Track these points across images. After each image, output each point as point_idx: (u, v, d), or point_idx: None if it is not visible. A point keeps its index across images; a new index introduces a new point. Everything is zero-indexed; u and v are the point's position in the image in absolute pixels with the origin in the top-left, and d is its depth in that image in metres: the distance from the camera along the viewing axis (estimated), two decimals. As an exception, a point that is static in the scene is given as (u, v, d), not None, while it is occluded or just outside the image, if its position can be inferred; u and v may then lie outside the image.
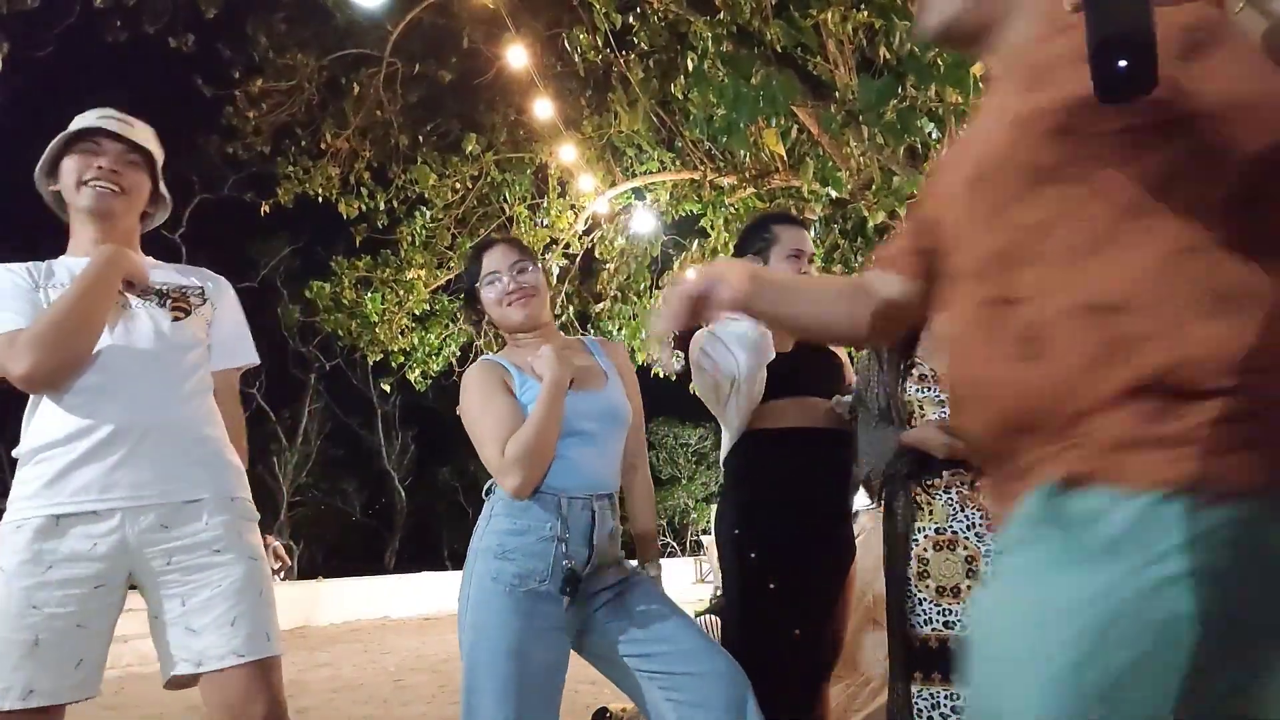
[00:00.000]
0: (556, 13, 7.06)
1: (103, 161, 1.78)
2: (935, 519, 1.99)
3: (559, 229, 7.72)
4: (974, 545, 1.95)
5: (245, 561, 1.70)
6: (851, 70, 4.77)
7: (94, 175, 1.77)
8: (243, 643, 1.63)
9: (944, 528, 1.98)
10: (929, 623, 1.96)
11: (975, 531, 1.95)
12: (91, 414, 1.63)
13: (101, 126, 1.80)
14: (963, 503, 1.98)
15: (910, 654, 1.97)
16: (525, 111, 7.13)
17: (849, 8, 4.60)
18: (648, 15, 6.15)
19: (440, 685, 6.00)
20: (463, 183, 7.73)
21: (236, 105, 7.73)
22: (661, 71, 6.53)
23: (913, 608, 1.98)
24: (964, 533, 1.96)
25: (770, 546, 2.17)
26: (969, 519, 1.96)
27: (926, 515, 2.01)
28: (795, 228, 2.46)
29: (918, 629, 1.97)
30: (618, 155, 7.67)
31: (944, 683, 1.92)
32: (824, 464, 2.31)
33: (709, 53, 5.14)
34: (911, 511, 2.02)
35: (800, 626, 2.10)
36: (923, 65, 3.40)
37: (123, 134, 1.80)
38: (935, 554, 1.98)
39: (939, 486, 2.00)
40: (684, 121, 6.47)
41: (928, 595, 1.97)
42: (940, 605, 1.96)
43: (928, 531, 2.00)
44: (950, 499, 1.98)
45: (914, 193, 4.82)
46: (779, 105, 4.19)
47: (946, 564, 1.96)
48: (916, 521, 2.01)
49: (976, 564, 1.94)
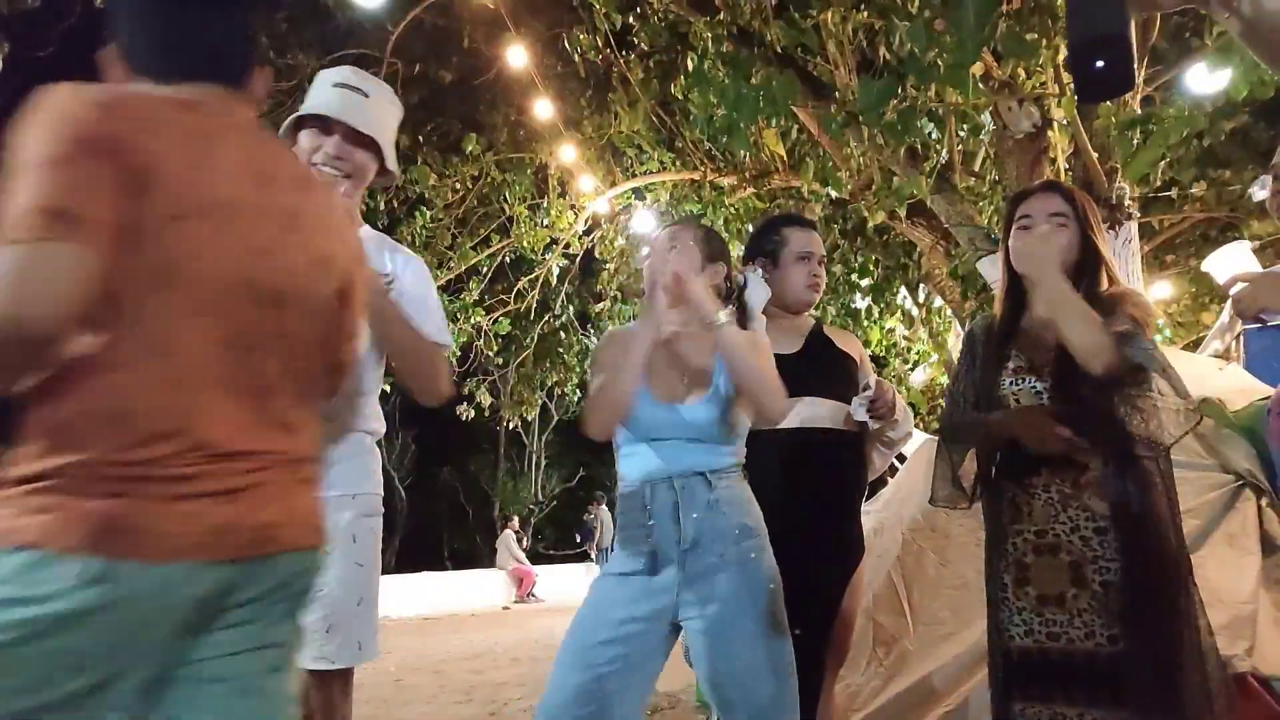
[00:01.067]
0: (556, 13, 7.05)
1: (329, 145, 1.79)
2: (1035, 521, 1.86)
3: (559, 229, 7.72)
4: (1079, 549, 1.81)
5: (350, 567, 1.73)
6: (851, 70, 4.77)
7: (321, 158, 1.79)
8: (335, 650, 1.68)
9: (1045, 530, 1.84)
10: (1029, 634, 1.83)
11: (1080, 535, 1.81)
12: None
13: (324, 114, 1.80)
14: (1064, 503, 1.83)
15: (1010, 666, 1.84)
16: (525, 111, 7.13)
17: (849, 8, 4.60)
18: (648, 15, 6.14)
19: (440, 685, 6.00)
20: (463, 183, 7.73)
21: (237, 105, 7.71)
22: (661, 71, 6.53)
23: (1010, 617, 1.85)
24: (1067, 535, 1.82)
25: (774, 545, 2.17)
26: (1072, 520, 1.82)
27: (1026, 517, 1.87)
28: (805, 230, 2.46)
29: (1017, 640, 1.84)
30: (618, 155, 7.67)
31: (1043, 701, 1.79)
32: (830, 463, 2.30)
33: (709, 53, 5.14)
34: (1009, 514, 1.89)
35: (802, 626, 2.10)
36: (923, 65, 3.40)
37: (348, 120, 1.80)
38: (1037, 559, 1.84)
39: (1038, 485, 1.86)
40: (684, 121, 6.47)
41: (1028, 604, 1.84)
42: (1042, 615, 1.82)
43: (1028, 535, 1.86)
44: (1051, 498, 1.84)
45: (914, 193, 4.82)
46: (779, 105, 4.19)
47: (1049, 570, 1.82)
48: (1015, 524, 1.88)
49: (1083, 570, 1.80)
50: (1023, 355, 1.95)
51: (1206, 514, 2.59)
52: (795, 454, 2.25)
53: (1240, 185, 5.70)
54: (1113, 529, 1.79)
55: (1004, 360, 1.97)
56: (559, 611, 11.42)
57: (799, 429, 2.27)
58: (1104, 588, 1.78)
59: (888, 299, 7.55)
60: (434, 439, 21.94)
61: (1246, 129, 5.92)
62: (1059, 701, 1.77)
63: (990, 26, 3.16)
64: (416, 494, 23.70)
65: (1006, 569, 1.88)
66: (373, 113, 1.85)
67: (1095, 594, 1.78)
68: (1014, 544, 1.87)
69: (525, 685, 5.73)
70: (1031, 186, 2.08)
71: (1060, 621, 1.80)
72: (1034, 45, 3.61)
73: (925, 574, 3.20)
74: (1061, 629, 1.80)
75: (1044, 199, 1.98)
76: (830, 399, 2.33)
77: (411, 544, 22.07)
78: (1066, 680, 1.78)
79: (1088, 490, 1.82)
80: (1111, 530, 1.80)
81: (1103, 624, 1.77)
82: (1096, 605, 1.77)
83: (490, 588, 13.97)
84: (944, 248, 5.62)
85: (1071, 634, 1.79)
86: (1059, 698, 1.78)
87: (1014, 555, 1.87)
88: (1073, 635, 1.79)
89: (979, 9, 2.99)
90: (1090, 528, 1.81)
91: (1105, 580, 1.78)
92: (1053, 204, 1.96)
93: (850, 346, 2.52)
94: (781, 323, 2.41)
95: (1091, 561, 1.79)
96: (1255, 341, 3.80)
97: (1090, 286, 1.90)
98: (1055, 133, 4.52)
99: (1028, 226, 1.97)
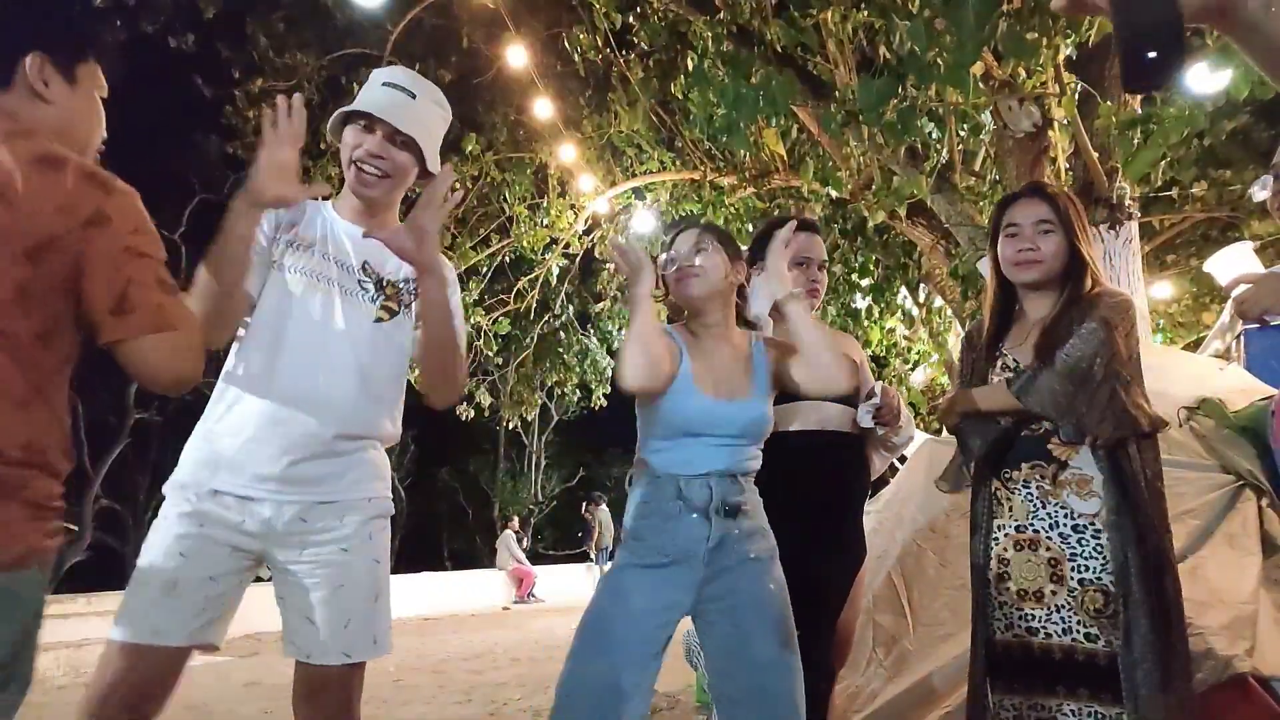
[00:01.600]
0: (556, 13, 7.06)
1: (370, 144, 1.81)
2: (1016, 516, 1.90)
3: (559, 229, 7.72)
4: (1057, 546, 1.84)
5: (368, 563, 1.76)
6: (851, 70, 4.77)
7: (361, 155, 1.81)
8: (355, 644, 1.74)
9: (1025, 525, 1.88)
10: (1010, 628, 1.86)
11: (1059, 531, 1.85)
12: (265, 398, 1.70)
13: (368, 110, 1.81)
14: (1044, 498, 1.87)
15: (991, 660, 1.87)
16: (525, 111, 7.13)
17: (849, 8, 4.59)
18: (648, 15, 6.14)
19: (440, 685, 6.00)
20: (463, 183, 7.73)
21: (236, 105, 7.73)
22: (661, 71, 6.53)
23: (992, 611, 1.89)
24: (1046, 532, 1.86)
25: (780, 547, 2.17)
26: (1051, 516, 1.86)
27: (1006, 512, 1.91)
28: (804, 233, 2.43)
29: (997, 634, 1.87)
30: (618, 155, 7.67)
31: (1025, 693, 1.82)
32: (834, 466, 2.29)
33: (709, 53, 5.13)
34: (990, 507, 1.93)
35: (805, 628, 2.10)
36: (923, 65, 3.39)
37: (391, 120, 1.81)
38: (1016, 554, 1.88)
39: (1018, 480, 1.90)
40: (684, 121, 6.47)
41: (1008, 599, 1.87)
42: (1021, 610, 1.85)
43: (1008, 530, 1.90)
44: (1030, 494, 1.88)
45: (914, 192, 4.82)
46: (779, 105, 4.18)
47: (1028, 565, 1.86)
48: (996, 519, 1.92)
49: (1061, 567, 1.83)
50: (1011, 354, 2.03)
51: (1207, 514, 2.58)
52: (801, 457, 2.24)
53: (1240, 185, 5.70)
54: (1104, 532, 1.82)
55: (997, 357, 2.05)
56: (559, 612, 11.41)
57: (804, 431, 2.27)
58: (1081, 585, 1.81)
59: (888, 299, 7.55)
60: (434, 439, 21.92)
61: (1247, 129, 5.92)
62: (1039, 693, 1.81)
63: (990, 26, 3.16)
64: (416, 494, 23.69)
65: (988, 563, 1.91)
66: (418, 113, 1.86)
67: (1073, 591, 1.81)
68: (995, 538, 1.92)
69: (525, 686, 5.73)
70: (1017, 191, 2.12)
71: (1039, 617, 1.84)
72: (1034, 45, 3.60)
73: (925, 574, 3.19)
74: (1040, 624, 1.83)
75: (1030, 206, 2.03)
76: (830, 402, 2.32)
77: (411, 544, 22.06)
78: (1047, 675, 1.81)
79: (1066, 488, 1.85)
80: (1090, 530, 1.83)
81: (1079, 621, 1.80)
82: (1073, 603, 1.81)
83: (490, 588, 13.96)
84: (944, 247, 5.62)
85: (1050, 629, 1.83)
86: (1039, 690, 1.82)
87: (995, 550, 1.91)
88: (1050, 630, 1.82)
89: (979, 9, 2.99)
90: (1069, 525, 1.84)
91: (1083, 579, 1.81)
92: (1039, 211, 2.01)
93: (850, 349, 2.51)
94: (780, 327, 2.41)
95: (1070, 559, 1.82)
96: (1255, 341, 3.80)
97: (1074, 290, 1.96)
98: (1056, 132, 4.52)
99: (1015, 234, 2.02)
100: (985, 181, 5.42)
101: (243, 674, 6.40)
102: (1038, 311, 2.03)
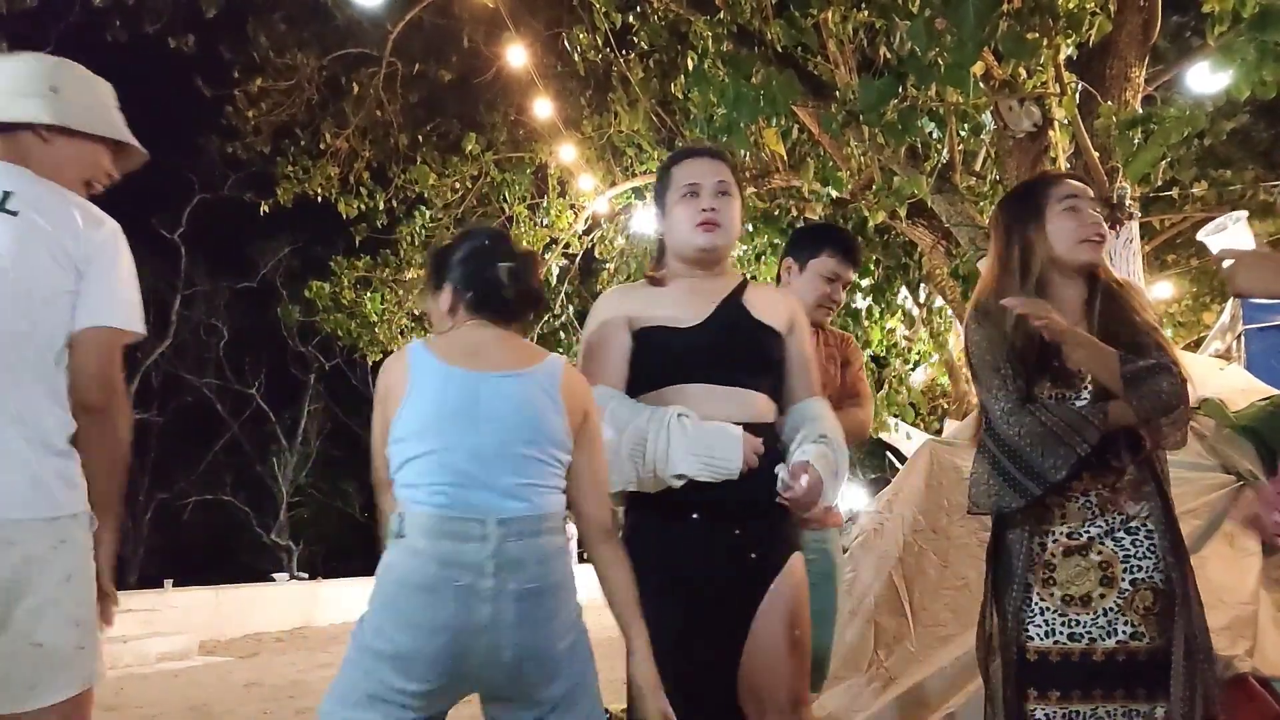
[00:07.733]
0: (556, 13, 7.06)
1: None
2: (1069, 522, 1.85)
3: (559, 229, 7.71)
4: (1110, 549, 1.80)
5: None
6: (851, 70, 4.77)
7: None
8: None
9: (1077, 532, 1.83)
10: (1051, 634, 1.82)
11: (1114, 536, 1.81)
12: None
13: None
14: (1102, 506, 1.83)
15: (1025, 667, 1.83)
16: (525, 111, 7.13)
17: (849, 8, 4.59)
18: (648, 15, 6.14)
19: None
20: (462, 182, 7.74)
21: (236, 105, 7.73)
22: (661, 71, 6.53)
23: (1032, 617, 1.84)
24: (1100, 539, 1.82)
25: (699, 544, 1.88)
26: (1108, 524, 1.82)
27: (1057, 518, 1.85)
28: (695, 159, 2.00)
29: (1035, 640, 1.83)
30: (618, 155, 7.67)
31: (1061, 701, 1.79)
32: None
33: (709, 52, 5.13)
34: (1038, 516, 1.85)
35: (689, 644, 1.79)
36: (923, 65, 3.39)
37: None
38: (1064, 559, 1.83)
39: (1076, 489, 1.84)
40: (684, 121, 6.47)
41: (1051, 604, 1.83)
42: (1066, 616, 1.81)
43: (1057, 536, 1.85)
44: (1089, 502, 1.84)
45: (914, 192, 4.82)
46: (779, 105, 4.17)
47: (1077, 570, 1.82)
48: (1044, 524, 1.86)
49: (1113, 569, 1.79)
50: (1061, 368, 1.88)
51: (1207, 514, 2.58)
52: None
53: (1240, 185, 5.70)
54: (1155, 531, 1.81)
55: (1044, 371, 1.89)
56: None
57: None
58: (1134, 586, 1.79)
59: (888, 299, 7.54)
60: (434, 439, 21.98)
61: (1247, 129, 5.93)
62: (1075, 699, 1.79)
63: (991, 26, 3.15)
64: (416, 494, 23.74)
65: (1030, 569, 1.85)
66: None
67: (1123, 592, 1.79)
68: (1041, 544, 1.86)
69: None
70: (1048, 172, 2.09)
71: (1084, 622, 1.80)
72: (1034, 45, 3.60)
73: (926, 575, 3.19)
74: (1084, 629, 1.80)
75: (1079, 182, 1.99)
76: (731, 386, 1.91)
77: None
78: (1084, 680, 1.79)
79: (1123, 494, 1.83)
80: (1142, 530, 1.82)
81: (1126, 621, 1.78)
82: (1123, 603, 1.79)
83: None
84: (945, 247, 5.62)
85: (1094, 633, 1.80)
86: (1075, 696, 1.79)
87: (1041, 557, 1.85)
88: (1095, 635, 1.80)
89: (979, 8, 2.98)
90: (1123, 528, 1.82)
91: (1135, 579, 1.80)
92: (1088, 189, 1.97)
93: (776, 311, 2.00)
94: (687, 283, 1.97)
95: (1123, 560, 1.79)
96: (1256, 341, 3.80)
97: (1098, 276, 1.94)
98: (1056, 132, 4.51)
99: (1077, 209, 1.94)
100: (986, 181, 5.42)
101: (243, 674, 6.40)
102: (1066, 296, 1.91)
